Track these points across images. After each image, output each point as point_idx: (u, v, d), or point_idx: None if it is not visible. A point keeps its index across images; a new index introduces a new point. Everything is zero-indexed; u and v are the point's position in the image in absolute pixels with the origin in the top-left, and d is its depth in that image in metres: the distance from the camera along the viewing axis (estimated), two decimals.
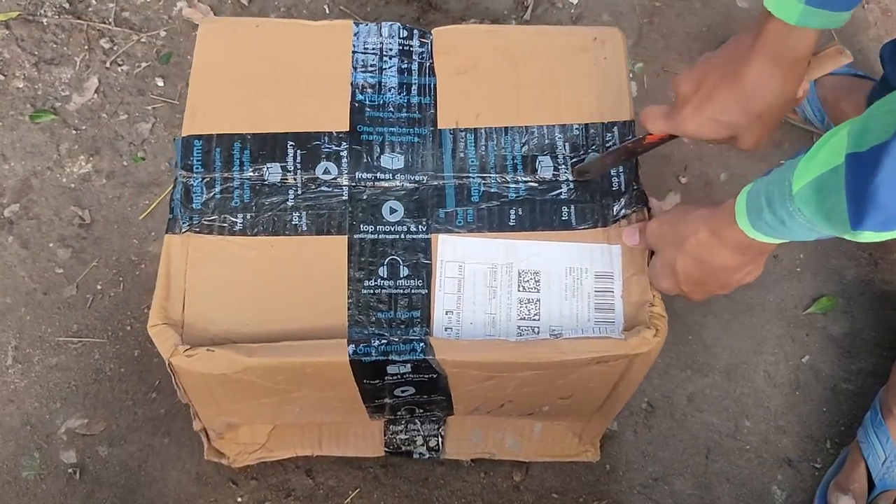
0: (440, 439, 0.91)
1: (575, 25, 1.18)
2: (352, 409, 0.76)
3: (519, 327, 0.70)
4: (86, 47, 1.23)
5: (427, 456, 0.93)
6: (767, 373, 1.05)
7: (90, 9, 1.26)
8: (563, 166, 0.75)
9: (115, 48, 1.23)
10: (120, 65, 1.22)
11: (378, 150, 0.74)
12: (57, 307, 1.06)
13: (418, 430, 0.91)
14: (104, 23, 1.25)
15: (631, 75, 1.23)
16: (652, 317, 0.69)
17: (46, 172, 1.15)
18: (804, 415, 1.03)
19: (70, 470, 0.97)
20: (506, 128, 0.76)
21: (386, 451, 0.92)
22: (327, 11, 1.27)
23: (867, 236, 0.50)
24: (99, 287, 1.08)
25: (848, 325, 1.08)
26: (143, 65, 1.22)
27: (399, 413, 0.80)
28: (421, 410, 0.81)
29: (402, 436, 0.91)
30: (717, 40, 1.25)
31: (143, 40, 1.24)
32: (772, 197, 0.55)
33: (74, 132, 1.17)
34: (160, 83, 1.21)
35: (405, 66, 0.78)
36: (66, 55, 1.22)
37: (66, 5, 1.26)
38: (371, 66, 0.77)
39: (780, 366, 1.05)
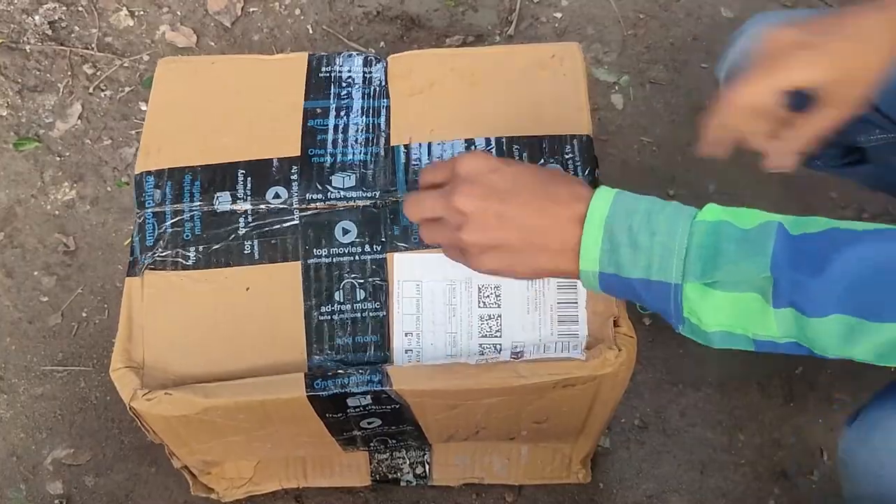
0: (427, 466, 0.90)
1: (538, 44, 1.18)
2: (322, 442, 0.75)
3: (480, 345, 0.68)
4: (69, 73, 1.23)
5: (415, 483, 0.91)
6: (761, 385, 1.04)
7: (73, 35, 1.26)
8: None
9: (98, 73, 1.23)
10: (103, 90, 1.22)
11: (329, 170, 0.73)
12: (42, 336, 1.06)
13: (404, 458, 0.89)
14: (87, 48, 1.24)
15: (616, 88, 1.22)
16: (616, 337, 0.67)
17: (31, 200, 1.14)
18: (799, 427, 1.02)
19: (57, 501, 0.96)
20: (460, 140, 0.75)
21: (372, 481, 0.91)
22: (311, 31, 1.27)
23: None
24: (84, 314, 1.07)
25: None
26: (127, 89, 1.22)
27: (372, 444, 0.79)
28: (394, 441, 0.79)
29: (388, 463, 0.90)
30: (703, 50, 1.24)
31: (125, 65, 1.23)
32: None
33: (58, 159, 1.17)
34: (143, 107, 1.20)
35: (358, 91, 0.77)
36: (49, 82, 1.22)
37: (49, 32, 1.25)
38: (324, 93, 0.77)
39: (773, 378, 1.04)
